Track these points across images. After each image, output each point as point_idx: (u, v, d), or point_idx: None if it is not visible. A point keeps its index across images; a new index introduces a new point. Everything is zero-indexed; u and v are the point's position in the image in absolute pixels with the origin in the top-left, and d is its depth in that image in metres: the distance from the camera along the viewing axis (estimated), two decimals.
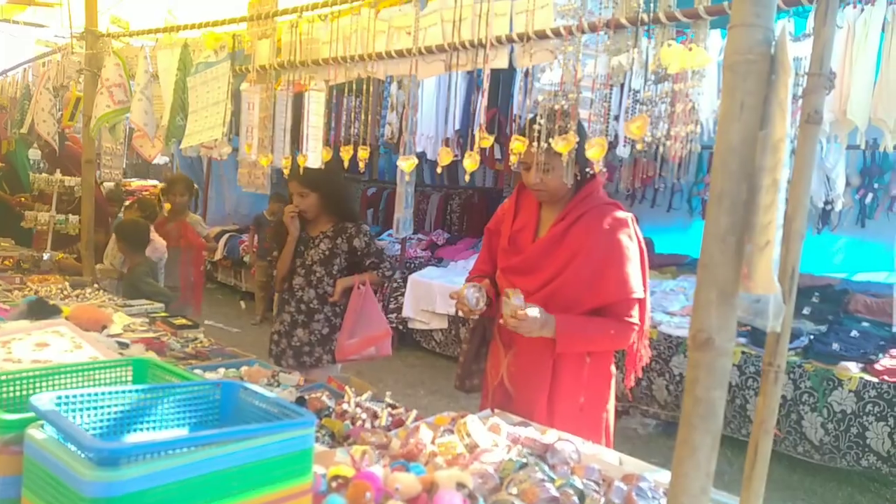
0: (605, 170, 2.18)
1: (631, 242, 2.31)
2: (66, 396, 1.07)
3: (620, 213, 2.35)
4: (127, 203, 6.77)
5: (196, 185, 5.81)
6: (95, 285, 4.05)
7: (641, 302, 2.33)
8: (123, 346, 2.58)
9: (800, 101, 1.52)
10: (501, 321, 2.22)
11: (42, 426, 1.03)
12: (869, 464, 4.22)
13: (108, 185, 7.75)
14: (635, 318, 2.31)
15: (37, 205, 5.75)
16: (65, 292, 3.77)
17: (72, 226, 5.29)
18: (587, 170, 2.26)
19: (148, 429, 1.14)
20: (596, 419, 2.42)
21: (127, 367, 1.37)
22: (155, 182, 11.57)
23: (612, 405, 2.51)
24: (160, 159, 11.55)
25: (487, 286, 2.46)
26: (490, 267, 2.60)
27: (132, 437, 1.12)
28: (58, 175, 5.39)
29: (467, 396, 2.80)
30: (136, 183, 11.10)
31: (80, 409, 1.08)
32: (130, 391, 1.14)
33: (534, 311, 2.15)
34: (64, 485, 0.94)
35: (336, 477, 1.25)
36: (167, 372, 1.34)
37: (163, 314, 3.77)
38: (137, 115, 3.46)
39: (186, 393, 1.19)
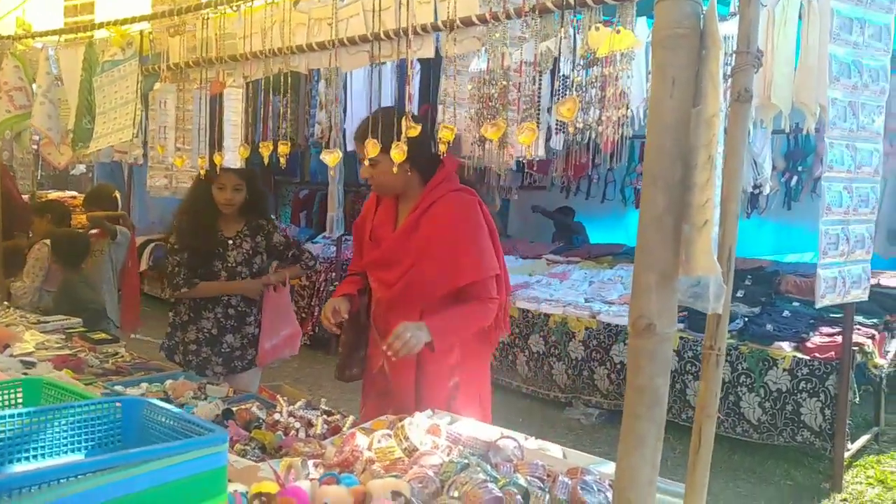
0: (464, 158, 2.25)
1: (480, 225, 2.41)
2: None
3: (468, 197, 2.43)
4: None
5: (117, 195, 5.49)
6: (5, 303, 3.80)
7: (498, 277, 2.44)
8: (29, 365, 2.39)
9: (729, 81, 1.49)
10: (389, 352, 2.24)
11: None
12: (804, 439, 4.32)
13: (24, 196, 7.34)
14: (494, 294, 2.42)
15: None
16: None
17: None
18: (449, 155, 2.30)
19: (38, 456, 1.02)
20: (471, 394, 2.50)
21: (16, 389, 1.22)
22: (74, 193, 11.06)
23: (487, 379, 2.63)
24: (78, 168, 11.04)
25: (352, 291, 2.59)
26: (361, 264, 2.67)
27: (20, 467, 0.99)
28: None
29: None
30: (53, 194, 10.58)
31: None
32: (15, 415, 1.01)
33: (404, 326, 2.23)
34: None
35: (259, 495, 1.14)
36: (63, 391, 1.20)
37: (81, 329, 3.56)
38: (40, 120, 3.24)
39: (82, 413, 1.06)
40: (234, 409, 2.30)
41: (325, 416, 2.30)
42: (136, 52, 2.72)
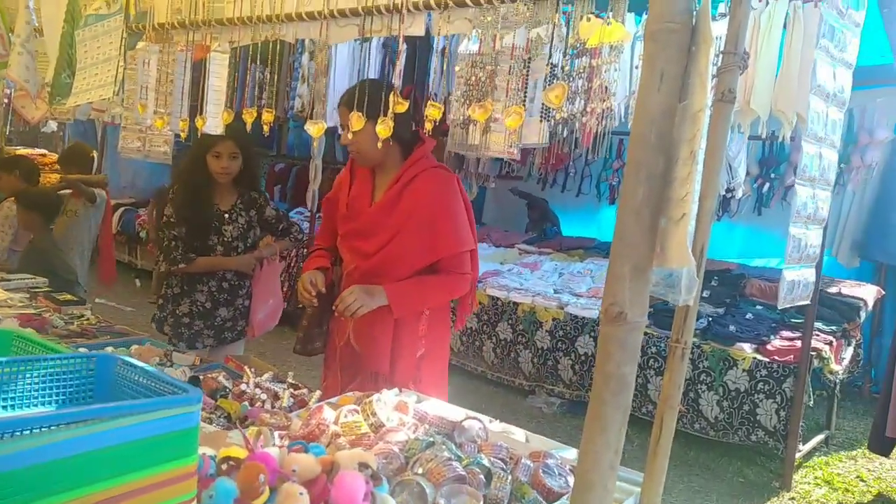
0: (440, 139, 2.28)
1: (458, 201, 2.48)
2: None
3: (447, 174, 2.52)
4: None
5: (94, 155, 5.36)
6: None
7: (473, 253, 2.52)
8: None
9: (714, 80, 1.51)
10: (336, 312, 2.37)
11: None
12: (758, 438, 4.42)
13: None
14: (467, 268, 2.51)
15: None
16: None
17: None
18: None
19: (8, 406, 1.01)
20: (435, 367, 2.59)
21: None
22: (44, 151, 10.80)
23: (447, 353, 2.71)
24: (50, 126, 10.78)
25: (325, 264, 2.63)
26: (330, 238, 2.71)
27: None
28: None
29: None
30: (21, 151, 10.34)
31: None
32: None
33: (351, 290, 2.35)
34: None
35: (227, 458, 1.14)
36: (34, 344, 1.19)
37: (46, 289, 3.51)
38: (17, 71, 3.16)
39: (54, 367, 1.05)
40: (200, 377, 2.29)
41: (291, 390, 2.30)
42: (122, 8, 2.66)
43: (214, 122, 2.53)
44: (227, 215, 3.33)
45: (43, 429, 0.86)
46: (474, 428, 1.88)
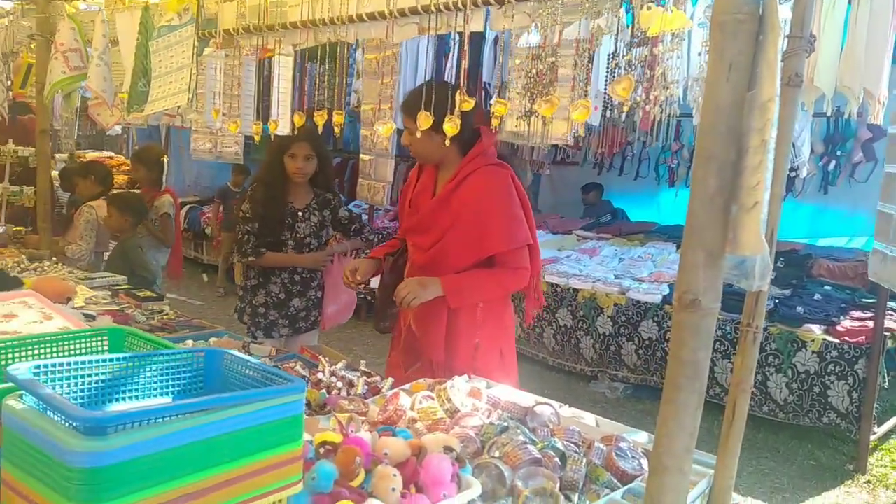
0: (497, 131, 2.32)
1: (512, 197, 2.50)
2: (45, 365, 1.02)
3: (501, 171, 2.53)
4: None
5: (165, 159, 5.55)
6: (53, 259, 3.93)
7: (532, 248, 2.55)
8: (90, 318, 2.51)
9: (780, 65, 1.51)
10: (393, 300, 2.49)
11: (21, 396, 0.99)
12: (829, 421, 4.35)
13: (62, 156, 7.49)
14: (525, 264, 2.52)
15: None
16: (22, 265, 3.66)
17: (27, 197, 5.11)
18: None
19: (129, 398, 1.10)
20: (492, 357, 2.62)
21: (103, 337, 1.32)
22: (111, 154, 11.21)
23: (511, 347, 2.73)
24: (115, 129, 11.19)
25: (380, 255, 2.77)
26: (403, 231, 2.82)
27: (115, 407, 1.08)
28: (10, 145, 5.19)
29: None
30: (91, 154, 10.76)
31: (59, 379, 1.04)
32: (111, 360, 1.09)
33: (406, 283, 2.47)
34: (47, 455, 0.90)
35: (324, 443, 1.22)
36: (145, 341, 1.29)
37: (126, 286, 3.68)
38: (96, 81, 3.33)
39: (169, 361, 1.15)
40: (279, 367, 2.39)
41: (365, 378, 2.39)
42: (193, 18, 2.78)
43: (285, 123, 2.63)
44: (300, 213, 3.47)
45: (165, 418, 0.94)
46: (546, 413, 1.92)
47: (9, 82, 4.92)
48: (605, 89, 1.85)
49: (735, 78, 1.31)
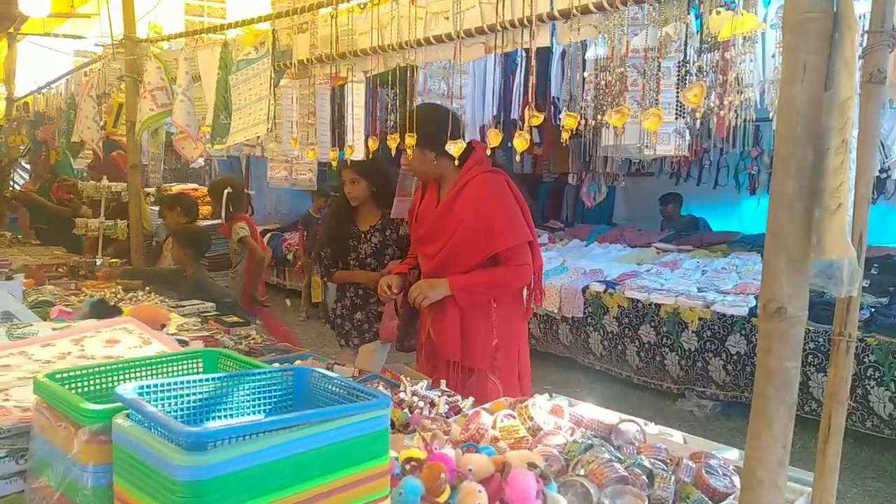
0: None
1: (509, 198, 2.65)
2: (148, 386, 1.09)
3: (497, 176, 2.68)
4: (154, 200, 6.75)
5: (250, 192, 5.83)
6: (147, 288, 4.12)
7: (531, 244, 2.68)
8: (183, 343, 2.62)
9: (860, 62, 1.47)
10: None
11: (128, 415, 1.05)
12: None
13: (150, 189, 7.88)
14: (527, 260, 2.66)
15: (84, 208, 5.87)
16: (118, 296, 3.85)
17: (121, 230, 5.39)
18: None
19: (225, 416, 1.16)
20: (511, 357, 2.74)
21: (197, 360, 1.39)
22: (195, 185, 11.69)
23: (525, 343, 2.85)
24: (199, 161, 11.70)
25: (404, 270, 2.94)
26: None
27: (212, 424, 1.13)
28: (105, 181, 5.49)
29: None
30: (176, 187, 11.26)
31: (162, 398, 1.10)
32: (207, 379, 1.15)
33: (416, 285, 2.67)
34: (154, 470, 0.95)
35: (409, 459, 1.25)
36: (237, 362, 1.35)
37: (215, 313, 3.83)
38: (180, 116, 3.51)
39: (260, 380, 1.20)
40: None
41: (446, 397, 2.41)
42: (269, 51, 2.90)
43: (360, 147, 2.70)
44: (363, 234, 3.75)
45: (260, 434, 0.99)
46: (631, 430, 1.89)
47: (102, 122, 5.23)
48: (678, 97, 1.83)
49: (810, 78, 1.28)
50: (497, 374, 2.66)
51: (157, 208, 6.24)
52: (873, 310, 4.60)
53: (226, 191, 5.15)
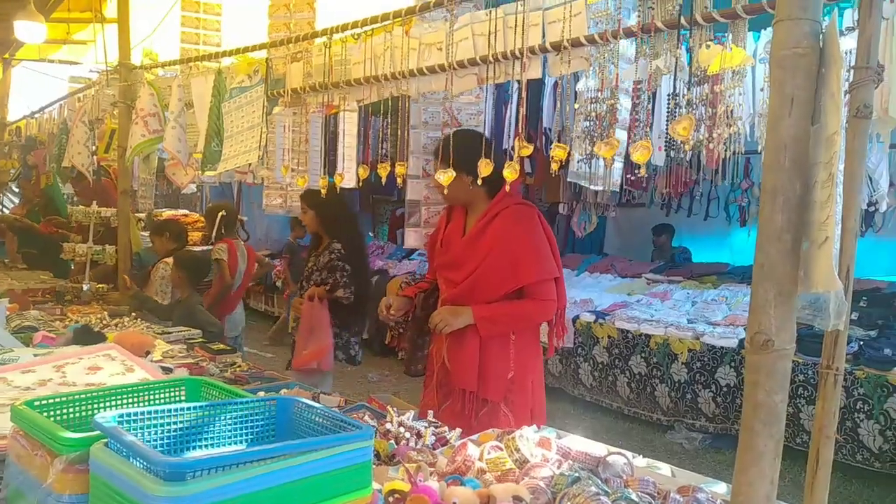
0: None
1: (540, 233, 2.65)
2: (128, 414, 1.07)
3: (528, 209, 2.70)
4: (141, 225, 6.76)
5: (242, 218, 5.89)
6: (133, 314, 4.09)
7: (557, 281, 2.68)
8: (167, 370, 2.59)
9: (846, 97, 1.48)
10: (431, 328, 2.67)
11: (106, 444, 1.03)
12: None
13: (140, 215, 7.86)
14: (552, 296, 2.66)
15: (72, 235, 5.84)
16: (104, 321, 3.82)
17: (109, 255, 5.35)
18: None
19: (206, 445, 1.14)
20: (524, 390, 2.72)
21: (180, 388, 1.37)
22: (186, 211, 11.68)
23: (540, 379, 2.83)
24: (190, 188, 11.70)
25: (412, 293, 2.93)
26: (432, 273, 2.99)
27: (192, 454, 1.11)
28: (94, 206, 5.47)
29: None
30: (167, 213, 11.24)
31: (142, 427, 1.08)
32: (189, 408, 1.13)
33: (439, 311, 2.65)
34: (132, 501, 0.93)
35: (392, 492, 1.23)
36: (219, 390, 1.34)
37: (201, 340, 3.79)
38: (171, 143, 3.51)
39: (243, 409, 1.18)
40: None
41: (433, 428, 2.38)
42: (263, 79, 2.92)
43: (351, 175, 2.71)
44: (310, 260, 4.04)
45: (240, 465, 0.97)
46: (619, 463, 1.87)
47: (94, 147, 5.23)
48: (667, 129, 1.85)
49: (797, 112, 1.30)
50: (510, 406, 2.64)
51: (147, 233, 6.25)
52: (862, 343, 4.60)
53: (220, 214, 5.18)
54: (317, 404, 1.19)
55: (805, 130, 1.31)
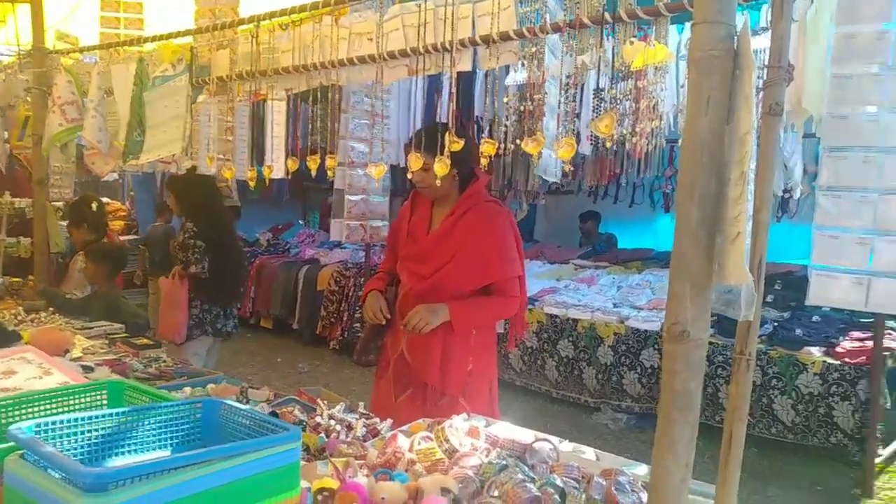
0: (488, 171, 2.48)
1: (508, 232, 2.69)
2: (46, 423, 1.03)
3: (498, 208, 2.75)
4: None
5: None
6: (51, 309, 3.93)
7: (521, 278, 2.74)
8: (88, 370, 2.50)
9: (760, 94, 1.55)
10: (402, 327, 2.62)
11: (22, 455, 1.00)
12: (837, 441, 4.34)
13: (57, 204, 7.51)
14: (517, 292, 2.72)
15: None
16: (19, 317, 3.65)
17: (23, 248, 5.13)
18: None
19: (129, 452, 1.11)
20: (482, 382, 2.78)
21: (102, 391, 1.33)
22: (107, 200, 11.25)
23: (496, 370, 2.89)
24: (110, 176, 11.28)
25: (381, 287, 2.88)
26: (391, 262, 2.98)
27: (115, 462, 1.08)
28: (7, 197, 5.22)
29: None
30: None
31: (61, 436, 1.05)
32: (110, 415, 1.10)
33: (416, 310, 2.57)
34: None
35: (321, 490, 1.23)
36: (143, 393, 1.30)
37: (123, 335, 3.67)
38: (91, 132, 3.37)
39: (167, 413, 1.16)
40: (277, 412, 2.38)
41: (364, 419, 2.38)
42: (187, 68, 2.83)
43: (279, 166, 2.66)
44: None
45: (164, 472, 0.95)
46: (545, 449, 1.92)
47: (6, 135, 4.97)
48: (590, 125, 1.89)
49: (713, 112, 1.35)
50: (467, 398, 2.66)
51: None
52: (776, 324, 4.83)
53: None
54: (244, 406, 1.18)
55: (721, 129, 1.36)
